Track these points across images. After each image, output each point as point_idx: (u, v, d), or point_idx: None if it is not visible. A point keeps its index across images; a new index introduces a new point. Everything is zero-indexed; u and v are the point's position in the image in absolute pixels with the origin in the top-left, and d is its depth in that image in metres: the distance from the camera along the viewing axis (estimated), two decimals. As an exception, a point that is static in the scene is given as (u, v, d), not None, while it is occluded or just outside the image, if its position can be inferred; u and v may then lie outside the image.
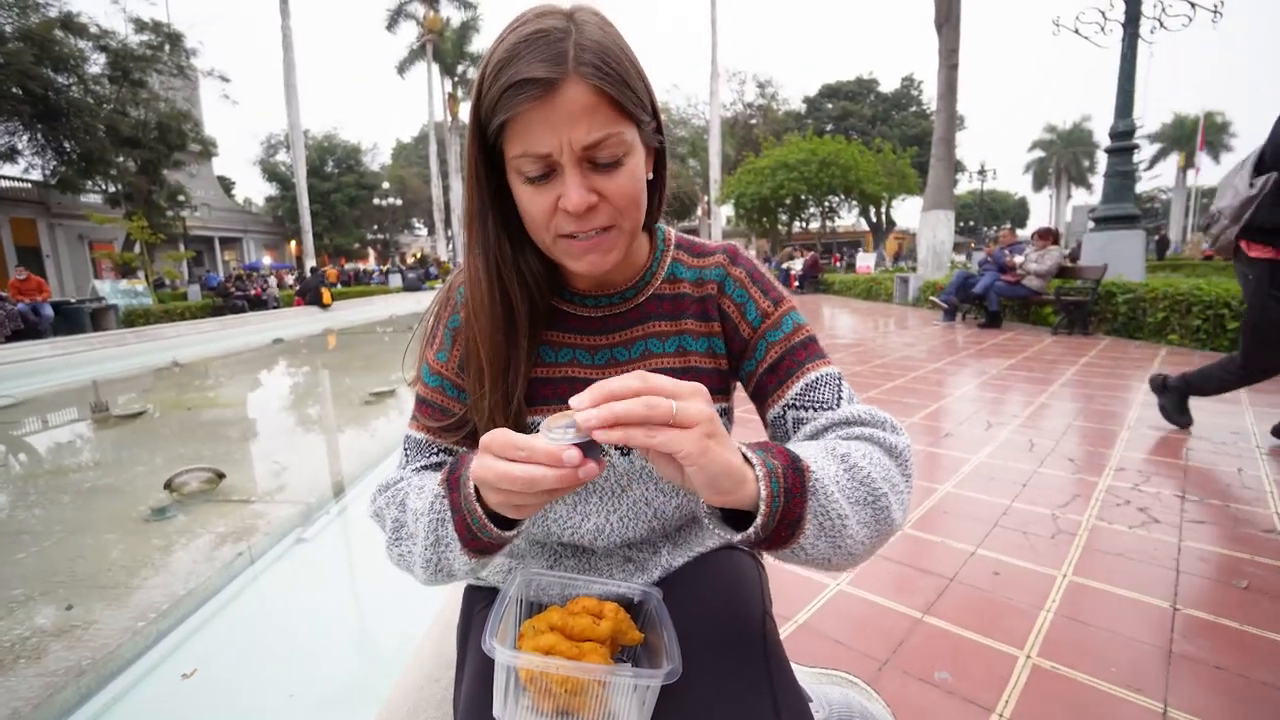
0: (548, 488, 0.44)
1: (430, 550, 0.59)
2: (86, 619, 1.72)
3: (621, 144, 0.55)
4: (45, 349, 8.04)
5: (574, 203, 0.54)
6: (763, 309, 0.69)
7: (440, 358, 0.70)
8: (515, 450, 0.45)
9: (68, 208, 19.60)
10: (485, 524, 0.54)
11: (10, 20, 12.52)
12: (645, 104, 0.58)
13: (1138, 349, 5.45)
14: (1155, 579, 1.63)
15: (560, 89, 0.51)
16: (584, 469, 0.44)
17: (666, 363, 0.69)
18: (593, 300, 0.70)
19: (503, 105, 0.52)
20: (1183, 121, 40.08)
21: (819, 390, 0.65)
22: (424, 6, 27.53)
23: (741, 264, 0.72)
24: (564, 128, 0.52)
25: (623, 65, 0.54)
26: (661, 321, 0.70)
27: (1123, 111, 7.44)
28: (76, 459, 3.66)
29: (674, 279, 0.72)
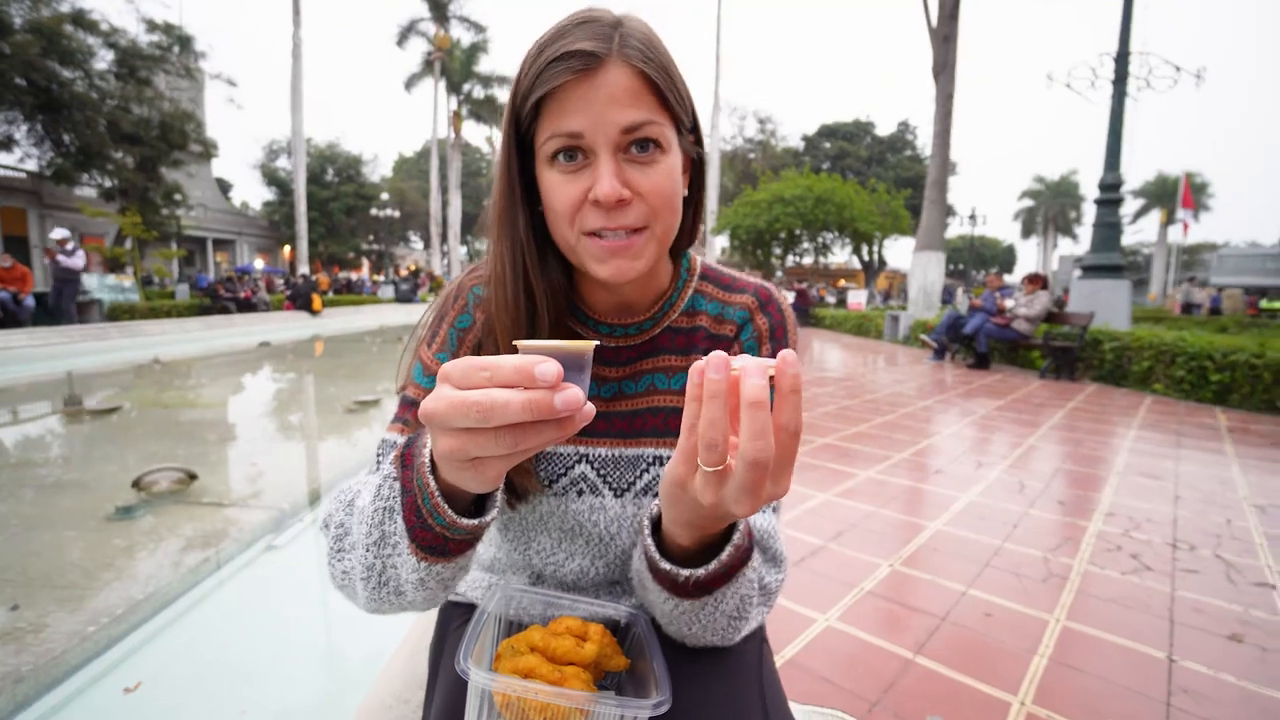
0: (512, 418, 0.33)
1: (373, 553, 0.47)
2: (33, 621, 1.62)
3: (661, 134, 0.52)
4: (22, 339, 7.85)
5: (605, 190, 0.50)
6: None
7: (441, 358, 0.63)
8: (479, 372, 0.34)
9: (60, 199, 19.40)
10: (438, 504, 0.43)
11: (21, 12, 12.54)
12: (687, 107, 0.55)
13: (1124, 396, 5.50)
14: (1150, 628, 1.59)
15: (604, 66, 0.49)
16: (563, 395, 0.33)
17: (669, 400, 0.65)
18: (607, 328, 0.65)
19: (542, 80, 0.49)
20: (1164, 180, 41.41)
21: None
22: (435, 25, 27.99)
23: (770, 313, 0.66)
24: (604, 108, 0.49)
25: (666, 60, 0.52)
26: (672, 355, 0.65)
27: (1110, 164, 7.66)
28: (43, 453, 3.53)
29: (693, 311, 0.66)
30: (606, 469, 0.64)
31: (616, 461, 0.64)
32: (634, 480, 0.64)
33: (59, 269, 9.58)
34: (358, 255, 36.78)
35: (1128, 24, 7.62)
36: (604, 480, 0.64)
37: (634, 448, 0.64)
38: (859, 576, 1.88)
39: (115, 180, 15.60)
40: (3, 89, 12.27)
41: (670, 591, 0.53)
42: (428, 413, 0.35)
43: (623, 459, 0.64)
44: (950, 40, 10.59)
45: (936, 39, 10.70)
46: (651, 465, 0.64)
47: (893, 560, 1.99)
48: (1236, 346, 5.20)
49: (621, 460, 0.64)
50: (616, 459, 0.64)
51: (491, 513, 0.46)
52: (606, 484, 0.64)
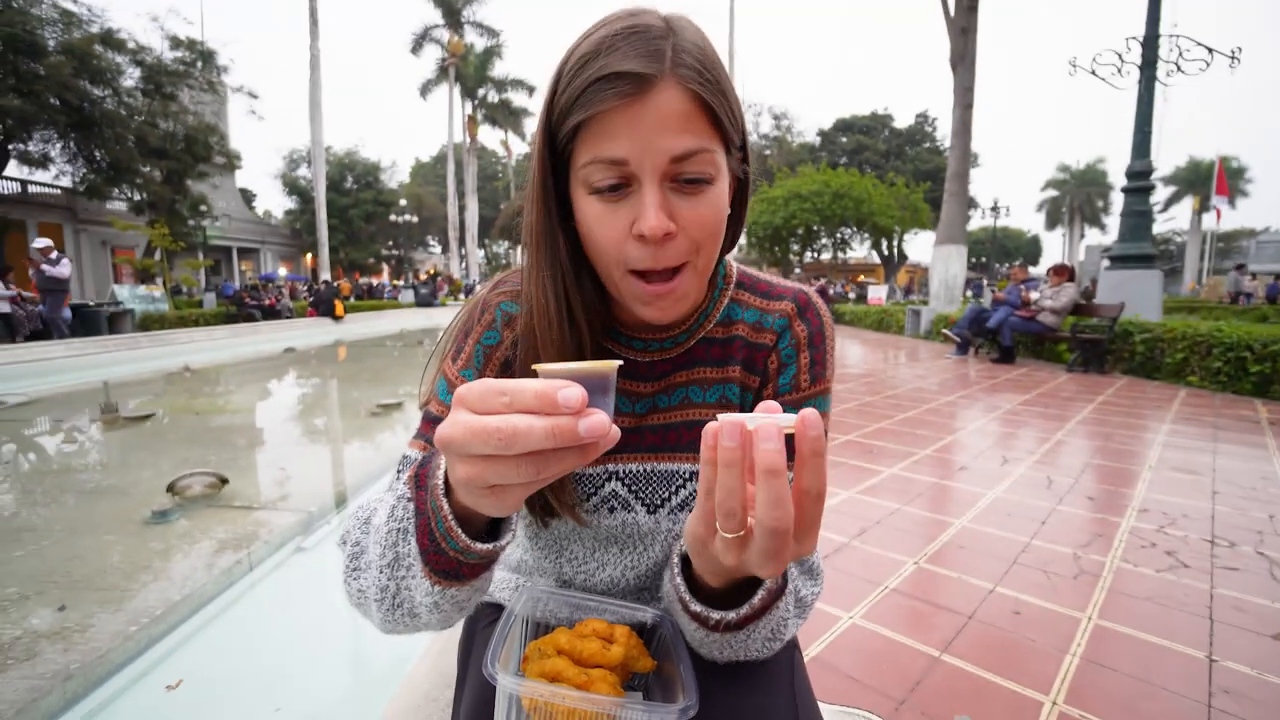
0: (534, 445, 0.31)
1: (386, 574, 0.46)
2: (79, 621, 1.68)
3: (712, 163, 0.48)
4: (60, 349, 8.12)
5: (651, 224, 0.46)
6: (798, 381, 0.61)
7: (466, 375, 0.60)
8: (498, 397, 0.32)
9: (93, 214, 20.02)
10: (451, 528, 0.42)
11: (55, 35, 12.98)
12: (739, 125, 0.52)
13: (1156, 389, 5.36)
14: (1188, 627, 1.55)
15: (655, 89, 0.45)
16: (588, 421, 0.31)
17: (704, 414, 0.62)
18: (641, 343, 0.63)
19: (584, 102, 0.45)
20: (1197, 165, 40.16)
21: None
22: (448, 32, 28.30)
23: (809, 319, 0.63)
24: (652, 135, 0.45)
25: (721, 76, 0.48)
26: (708, 368, 0.63)
27: (1139, 152, 7.45)
28: (83, 459, 3.65)
29: (729, 321, 0.63)
30: (639, 485, 0.62)
31: (649, 477, 0.62)
32: (668, 496, 0.62)
33: (45, 279, 9.36)
34: (378, 261, 37.36)
35: (1156, 5, 7.41)
36: (636, 497, 0.62)
37: (667, 462, 0.62)
38: (884, 574, 1.86)
39: (144, 194, 16.07)
40: (39, 109, 12.70)
41: (701, 626, 0.52)
42: (444, 439, 0.33)
43: (655, 474, 0.62)
44: (969, 32, 10.41)
45: (954, 30, 10.52)
46: (688, 481, 0.62)
47: (918, 558, 1.97)
48: (1277, 336, 5.02)
49: (654, 475, 0.62)
50: (649, 474, 0.62)
51: (507, 536, 0.45)
52: (639, 500, 0.62)
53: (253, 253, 31.46)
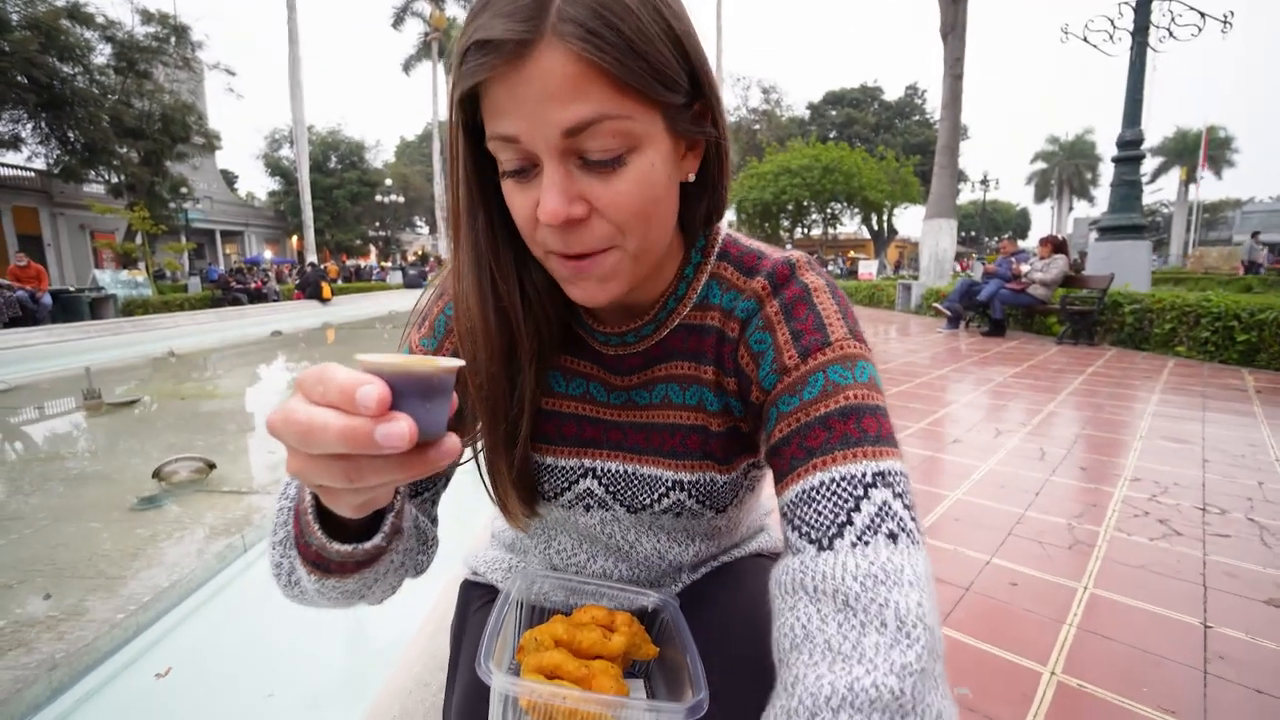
0: (329, 447, 0.27)
1: (279, 551, 0.45)
2: (65, 610, 1.65)
3: (620, 134, 0.39)
4: (40, 335, 7.96)
5: (549, 210, 0.40)
6: (781, 362, 0.47)
7: (426, 345, 0.57)
8: (317, 385, 0.28)
9: (70, 197, 19.52)
10: (309, 521, 0.39)
11: (17, 9, 12.48)
12: (674, 78, 0.41)
13: (1145, 360, 5.39)
14: (1182, 594, 1.56)
15: (530, 57, 0.37)
16: (386, 428, 0.27)
17: (685, 418, 0.54)
18: (603, 337, 0.56)
19: (465, 71, 0.39)
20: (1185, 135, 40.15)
21: (817, 505, 0.41)
22: (430, 5, 27.55)
23: (784, 291, 0.50)
24: (536, 107, 0.38)
25: (631, 20, 0.38)
26: (683, 361, 0.54)
27: (1130, 120, 7.40)
28: (66, 446, 3.58)
29: (705, 304, 0.53)
30: (617, 486, 0.57)
31: (629, 479, 0.56)
32: (650, 502, 0.56)
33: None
34: (364, 242, 36.83)
35: (1149, -29, 7.30)
36: (614, 497, 0.57)
37: (649, 466, 0.56)
38: (880, 548, 1.85)
39: (122, 176, 15.67)
40: (6, 87, 12.27)
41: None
42: (270, 424, 0.29)
43: (636, 477, 0.56)
44: (959, 1, 10.23)
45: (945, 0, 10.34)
46: (671, 490, 0.55)
47: (914, 531, 1.97)
48: (1265, 305, 5.05)
49: (634, 478, 0.56)
50: (629, 476, 0.56)
51: (375, 539, 0.41)
52: (618, 501, 0.57)
53: (236, 235, 30.90)
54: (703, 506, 0.56)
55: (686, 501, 0.55)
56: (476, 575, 0.73)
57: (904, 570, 0.38)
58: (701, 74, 0.44)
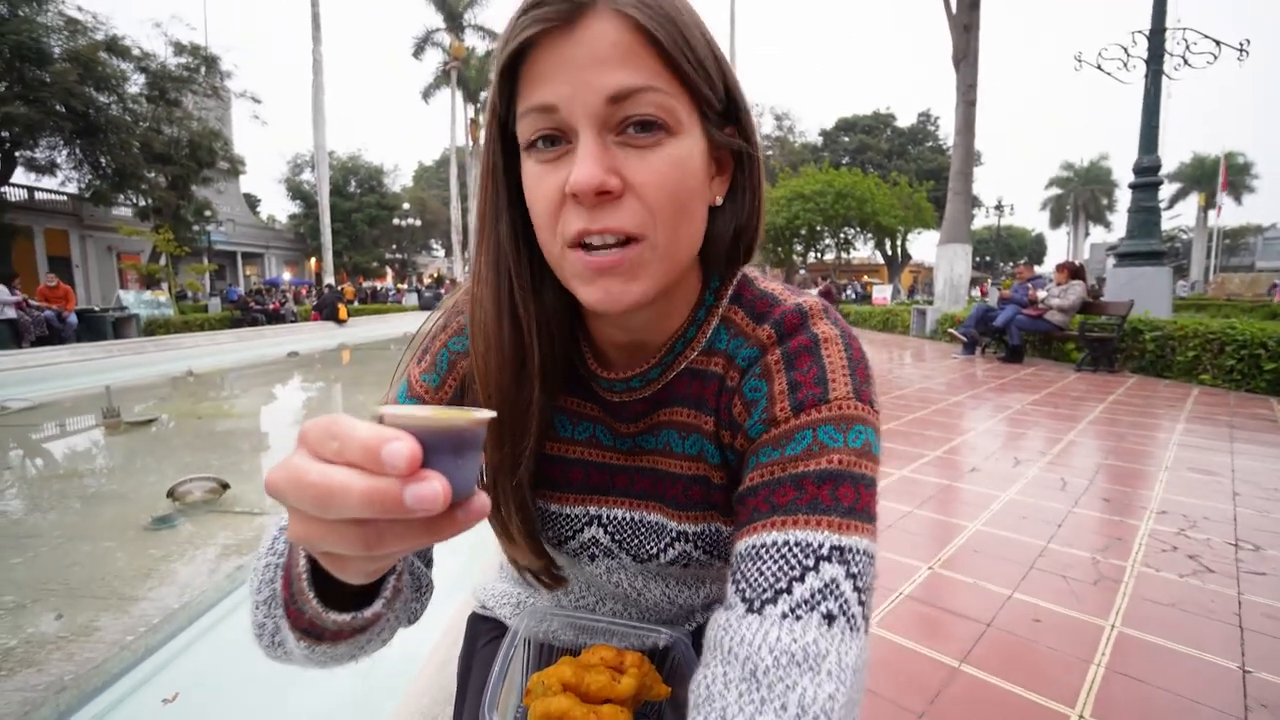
0: (351, 512, 0.24)
1: (262, 611, 0.41)
2: (76, 630, 1.65)
3: (664, 108, 0.39)
4: (66, 354, 8.14)
5: (582, 176, 0.38)
6: (773, 413, 0.44)
7: (427, 380, 0.52)
8: (330, 441, 0.25)
9: (99, 220, 20.12)
10: (303, 588, 0.36)
11: (60, 43, 13.05)
12: (709, 73, 0.42)
13: (1168, 388, 5.28)
14: (1217, 635, 1.50)
15: (586, 18, 0.38)
16: (417, 489, 0.23)
17: (686, 468, 0.52)
18: (606, 383, 0.53)
19: (513, 35, 0.39)
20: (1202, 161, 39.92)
21: (760, 564, 0.39)
22: (450, 35, 28.38)
23: (789, 342, 0.46)
24: (582, 72, 0.38)
25: (680, 13, 0.40)
26: (684, 408, 0.51)
27: (1147, 147, 7.38)
28: (84, 465, 3.63)
29: (712, 349, 0.51)
30: (623, 534, 0.55)
31: (635, 527, 0.54)
32: (657, 552, 0.54)
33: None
34: (381, 264, 37.43)
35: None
36: (621, 546, 0.55)
37: (654, 514, 0.54)
38: (898, 580, 1.81)
39: (149, 199, 16.13)
40: (45, 116, 12.77)
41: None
42: (269, 483, 0.26)
43: (642, 525, 0.54)
44: (971, 29, 10.35)
45: (956, 28, 10.46)
46: (676, 541, 0.53)
47: (932, 562, 1.92)
48: (1290, 333, 4.95)
49: (641, 526, 0.54)
50: (635, 524, 0.54)
51: (375, 607, 0.38)
52: (624, 550, 0.55)
53: (257, 257, 31.57)
54: (710, 557, 0.53)
55: (693, 553, 0.53)
56: (485, 609, 0.72)
57: (827, 656, 0.35)
58: (735, 92, 0.44)
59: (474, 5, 28.12)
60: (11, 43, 11.76)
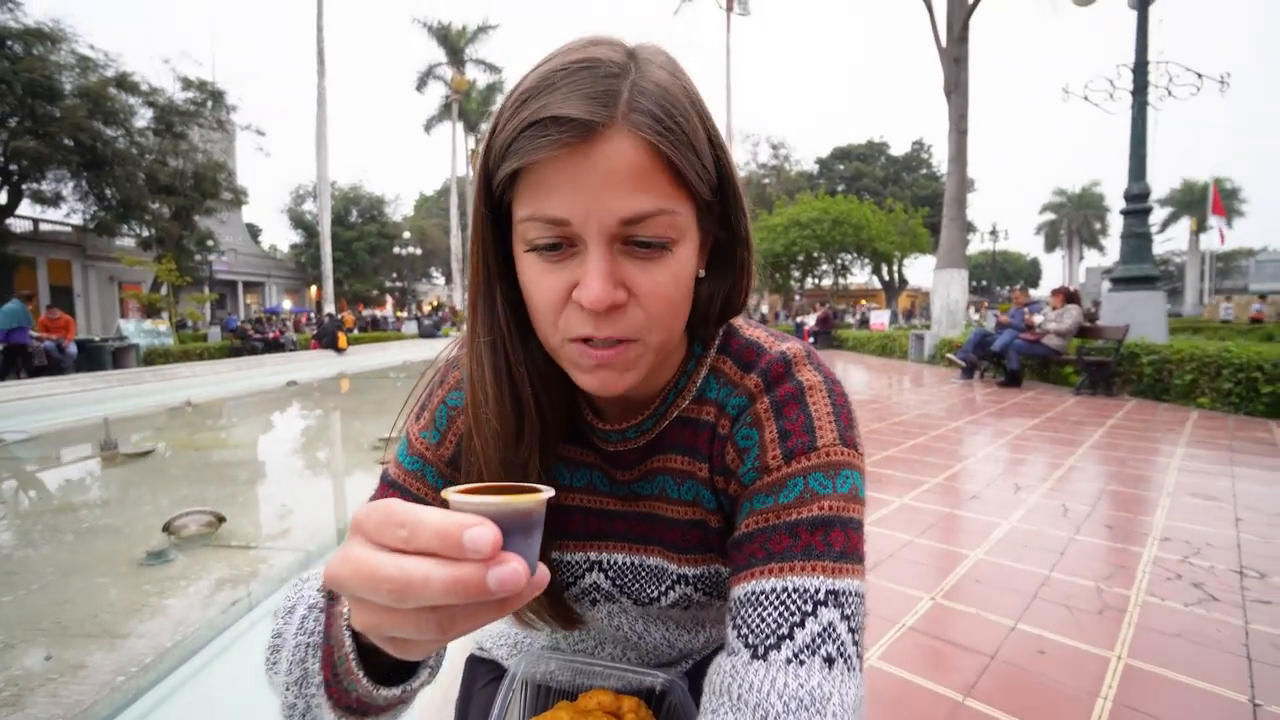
0: (432, 600, 0.24)
1: (293, 692, 0.41)
2: (65, 671, 1.62)
3: (672, 226, 0.40)
4: (65, 385, 8.12)
5: (594, 295, 0.38)
6: (765, 461, 0.46)
7: (426, 437, 0.53)
8: (396, 529, 0.26)
9: (101, 250, 20.30)
10: (351, 669, 0.37)
11: (71, 80, 13.35)
12: (711, 175, 0.42)
13: (1167, 411, 5.28)
14: (1225, 666, 1.48)
15: (601, 138, 0.37)
16: (500, 572, 0.24)
17: (682, 513, 0.53)
18: (603, 434, 0.54)
19: (517, 149, 0.38)
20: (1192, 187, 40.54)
21: (760, 610, 0.41)
22: (452, 69, 29.07)
23: (776, 390, 0.48)
24: (597, 192, 0.38)
25: (690, 122, 0.40)
26: (677, 455, 0.53)
27: (1136, 175, 7.51)
28: (79, 498, 3.60)
29: (702, 399, 0.52)
30: (624, 579, 0.55)
31: (636, 571, 0.55)
32: (657, 595, 0.55)
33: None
34: (381, 293, 37.66)
35: (1144, 34, 7.55)
36: (622, 590, 0.56)
37: (655, 558, 0.55)
38: (899, 611, 1.79)
39: (152, 230, 16.31)
40: (53, 150, 12.99)
41: None
42: (332, 577, 0.27)
43: (642, 569, 0.55)
44: (961, 61, 10.63)
45: (947, 60, 10.74)
46: (676, 584, 0.54)
47: (934, 593, 1.90)
48: (1285, 356, 4.97)
49: (641, 570, 0.55)
50: (635, 568, 0.55)
51: (421, 678, 0.40)
52: (625, 594, 0.56)
53: (258, 286, 31.77)
54: (710, 597, 0.55)
55: (694, 595, 0.54)
56: (482, 650, 0.71)
57: (830, 699, 0.37)
58: (727, 173, 0.45)
59: (475, 40, 28.86)
60: (25, 80, 12.02)
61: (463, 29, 28.55)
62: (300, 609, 0.43)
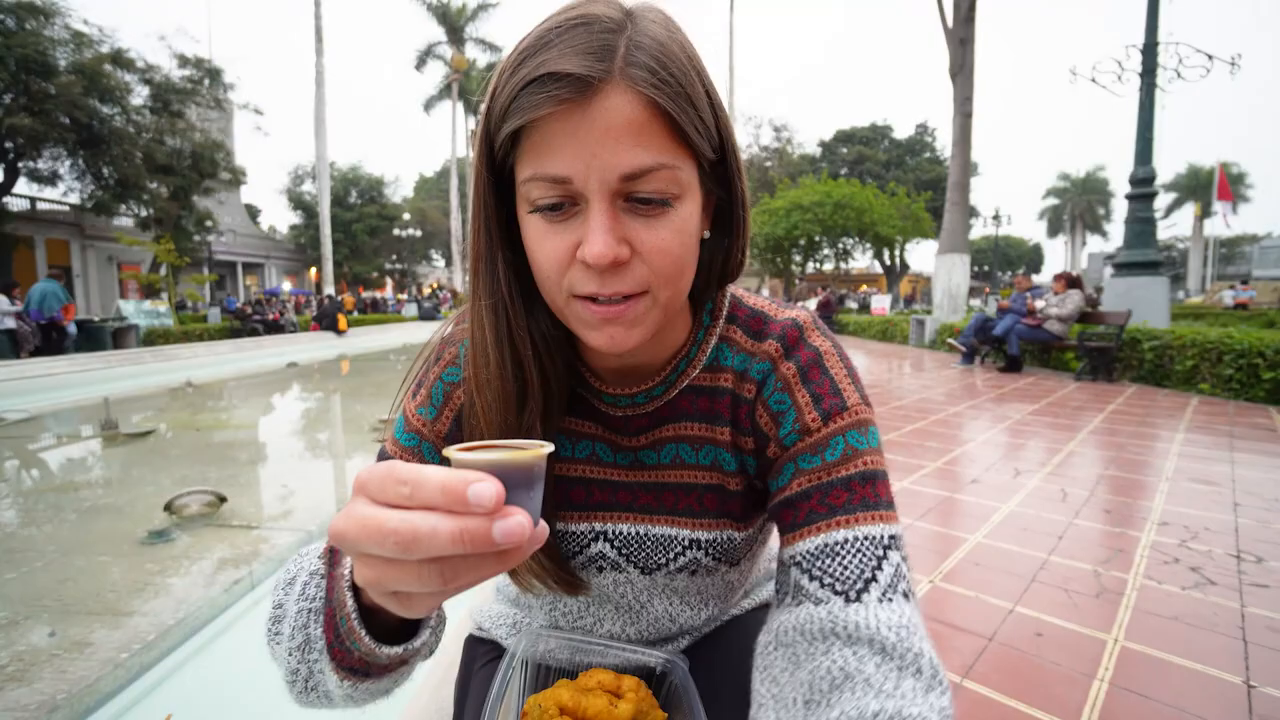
0: (439, 551, 0.25)
1: (296, 657, 0.42)
2: (69, 647, 1.63)
3: (673, 181, 0.40)
4: (64, 365, 8.12)
5: (597, 251, 0.39)
6: (804, 422, 0.49)
7: (424, 414, 0.54)
8: (398, 486, 0.27)
9: (100, 230, 20.20)
10: (354, 628, 0.38)
11: (66, 56, 13.16)
12: (712, 134, 0.43)
13: (1167, 397, 5.28)
14: (1221, 649, 1.49)
15: (599, 94, 0.37)
16: (505, 524, 0.25)
17: (700, 477, 0.54)
18: (611, 399, 0.54)
19: (517, 107, 0.38)
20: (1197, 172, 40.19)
21: (842, 559, 0.44)
22: (451, 48, 28.64)
23: (797, 356, 0.51)
24: (597, 148, 0.38)
25: (688, 76, 0.40)
26: (694, 423, 0.54)
27: (1142, 159, 7.43)
28: (81, 477, 3.61)
29: (716, 366, 0.54)
30: (630, 548, 0.56)
31: (641, 540, 0.56)
32: (665, 562, 0.56)
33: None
34: (381, 275, 37.54)
35: (1154, 13, 7.42)
36: (627, 559, 0.56)
37: (663, 526, 0.55)
38: (898, 594, 1.79)
39: (150, 210, 16.20)
40: (49, 128, 12.84)
41: None
42: (337, 533, 0.27)
43: (649, 538, 0.56)
44: (967, 43, 10.45)
45: (953, 41, 10.57)
46: (688, 549, 0.55)
47: (932, 576, 1.91)
48: (1287, 343, 4.96)
49: (648, 539, 0.56)
50: (642, 538, 0.56)
51: (422, 637, 0.41)
52: (631, 562, 0.56)
53: (257, 267, 31.65)
54: (718, 563, 0.56)
55: (703, 560, 0.55)
56: (481, 630, 0.71)
57: (921, 624, 0.42)
58: (726, 133, 0.45)
59: (475, 19, 28.40)
60: (18, 56, 11.85)
61: (462, 7, 28.07)
62: (301, 578, 0.44)
